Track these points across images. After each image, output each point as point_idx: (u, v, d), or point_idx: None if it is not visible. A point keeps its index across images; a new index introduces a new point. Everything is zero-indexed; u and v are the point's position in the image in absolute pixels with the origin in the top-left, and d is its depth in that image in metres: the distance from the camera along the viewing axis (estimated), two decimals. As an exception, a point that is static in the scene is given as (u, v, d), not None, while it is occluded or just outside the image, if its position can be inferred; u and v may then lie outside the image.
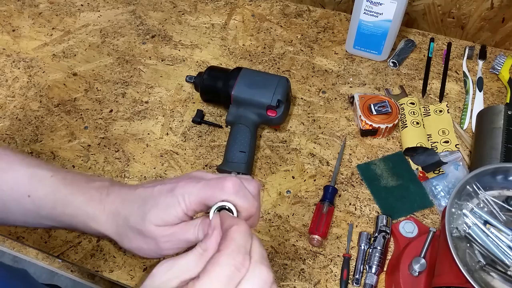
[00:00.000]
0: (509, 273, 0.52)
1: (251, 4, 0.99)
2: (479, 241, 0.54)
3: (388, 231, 0.66)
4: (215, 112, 0.82)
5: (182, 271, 0.35)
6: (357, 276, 0.64)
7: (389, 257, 0.66)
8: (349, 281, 0.64)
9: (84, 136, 0.80)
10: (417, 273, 0.59)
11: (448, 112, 0.81)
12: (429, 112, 0.81)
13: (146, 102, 0.84)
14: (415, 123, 0.76)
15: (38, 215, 0.50)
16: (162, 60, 0.90)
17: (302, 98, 0.84)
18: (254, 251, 0.36)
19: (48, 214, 0.50)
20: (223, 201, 0.42)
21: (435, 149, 0.76)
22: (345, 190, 0.73)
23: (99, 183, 0.49)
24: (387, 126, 0.75)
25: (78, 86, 0.86)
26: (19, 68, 0.89)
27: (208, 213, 0.42)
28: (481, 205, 0.58)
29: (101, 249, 0.67)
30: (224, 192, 0.42)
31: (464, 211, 0.57)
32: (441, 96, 0.83)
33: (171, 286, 0.35)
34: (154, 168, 0.76)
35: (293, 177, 0.74)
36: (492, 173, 0.59)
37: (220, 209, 0.42)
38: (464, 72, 0.86)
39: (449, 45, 0.91)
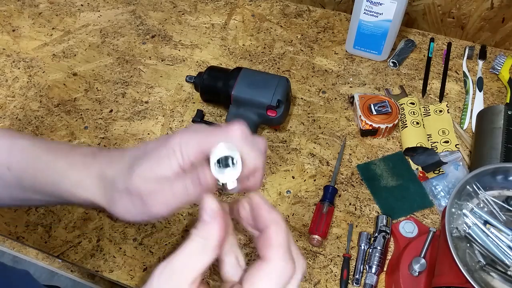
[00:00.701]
0: (509, 273, 0.52)
1: (251, 4, 0.99)
2: (479, 241, 0.54)
3: (388, 231, 0.66)
4: (215, 112, 0.82)
5: (186, 271, 0.31)
6: (357, 276, 0.64)
7: (389, 257, 0.66)
8: (349, 281, 0.64)
9: (84, 136, 0.80)
10: (417, 273, 0.59)
11: (448, 112, 0.81)
12: (429, 112, 0.81)
13: (146, 102, 0.84)
14: (415, 123, 0.76)
15: (21, 188, 0.46)
16: (162, 60, 0.90)
17: (302, 98, 0.84)
18: (292, 246, 0.34)
19: (31, 185, 0.45)
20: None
21: (435, 149, 0.76)
22: (345, 190, 0.73)
23: (85, 149, 0.45)
24: (387, 126, 0.75)
25: (78, 86, 0.86)
26: (19, 68, 0.89)
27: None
28: (481, 205, 0.58)
29: (101, 249, 0.67)
30: (230, 137, 0.36)
31: (464, 211, 0.57)
32: (441, 96, 0.83)
33: None
34: (154, 168, 0.75)
35: (293, 177, 0.74)
36: (492, 173, 0.59)
37: (221, 161, 0.35)
38: (464, 72, 0.86)
39: (449, 45, 0.91)
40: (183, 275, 0.31)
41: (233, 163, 0.35)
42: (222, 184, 0.36)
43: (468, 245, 0.55)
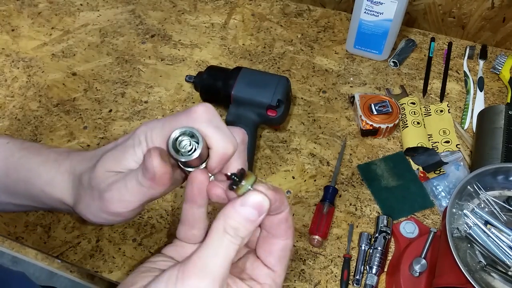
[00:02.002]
0: (510, 273, 0.52)
1: (251, 4, 0.99)
2: (480, 241, 0.54)
3: (389, 232, 0.66)
4: (215, 112, 0.82)
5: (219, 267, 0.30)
6: (357, 277, 0.64)
7: (389, 257, 0.66)
8: (350, 281, 0.64)
9: (83, 136, 0.79)
10: (417, 273, 0.59)
11: (449, 112, 0.80)
12: (430, 112, 0.80)
13: (146, 102, 0.84)
14: (415, 123, 0.76)
15: None
16: (161, 60, 0.90)
17: (302, 98, 0.83)
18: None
19: (3, 185, 0.44)
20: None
21: (436, 149, 0.76)
22: (346, 190, 0.72)
23: (61, 149, 0.44)
24: (387, 126, 0.75)
25: (77, 86, 0.86)
26: (18, 68, 0.89)
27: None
28: (482, 206, 0.58)
29: (100, 250, 0.67)
30: (192, 119, 0.33)
31: (465, 211, 0.57)
32: (442, 96, 0.83)
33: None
34: (154, 168, 0.75)
35: (293, 177, 0.74)
36: (493, 173, 0.59)
37: (180, 144, 0.33)
38: (464, 72, 0.86)
39: (450, 44, 0.90)
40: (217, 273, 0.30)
41: (195, 148, 0.33)
42: (185, 167, 0.34)
43: (469, 245, 0.55)
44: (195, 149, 0.33)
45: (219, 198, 0.34)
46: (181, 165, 0.35)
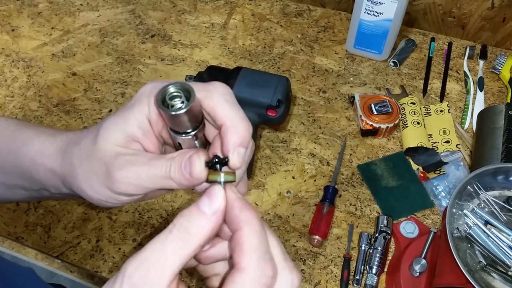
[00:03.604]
0: (509, 273, 0.52)
1: (251, 4, 0.99)
2: (479, 241, 0.54)
3: (389, 232, 0.66)
4: (215, 112, 0.82)
5: (165, 269, 0.27)
6: (357, 277, 0.64)
7: (389, 257, 0.66)
8: (350, 281, 0.64)
9: (83, 136, 0.79)
10: (417, 273, 0.59)
11: (449, 112, 0.80)
12: (430, 112, 0.80)
13: (146, 102, 0.83)
14: (415, 123, 0.76)
15: None
16: (161, 60, 0.90)
17: (302, 98, 0.83)
18: (274, 252, 0.29)
19: None
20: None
21: (436, 149, 0.76)
22: (346, 190, 0.72)
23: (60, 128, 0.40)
24: (387, 126, 0.75)
25: (77, 86, 0.86)
26: (18, 68, 0.89)
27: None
28: (482, 206, 0.58)
29: (100, 250, 0.67)
30: (207, 89, 0.31)
31: (465, 211, 0.57)
32: (442, 96, 0.83)
33: None
34: (154, 168, 0.75)
35: (293, 177, 0.74)
36: (493, 173, 0.59)
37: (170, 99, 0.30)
38: (465, 72, 0.86)
39: (450, 44, 0.90)
40: (161, 275, 0.26)
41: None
42: (174, 133, 0.32)
43: (469, 245, 0.55)
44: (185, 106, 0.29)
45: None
46: (170, 131, 0.32)
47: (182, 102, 0.30)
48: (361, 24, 0.83)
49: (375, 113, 0.75)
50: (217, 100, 0.31)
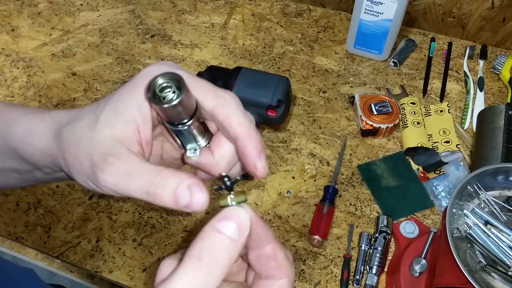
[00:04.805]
0: (510, 273, 0.51)
1: (251, 4, 0.99)
2: (480, 241, 0.54)
3: (389, 232, 0.66)
4: (215, 112, 0.82)
5: None
6: (357, 277, 0.64)
7: (389, 257, 0.66)
8: (350, 281, 0.64)
9: (83, 136, 0.79)
10: (417, 273, 0.59)
11: (449, 112, 0.80)
12: (430, 112, 0.80)
13: (146, 102, 0.83)
14: (415, 123, 0.76)
15: None
16: (161, 60, 0.89)
17: (302, 98, 0.83)
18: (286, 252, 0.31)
19: None
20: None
21: (436, 149, 0.76)
22: (346, 190, 0.72)
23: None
24: (387, 126, 0.75)
25: (77, 86, 0.86)
26: (18, 68, 0.89)
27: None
28: (482, 206, 0.58)
29: (100, 250, 0.67)
30: (218, 95, 0.31)
31: (465, 211, 0.57)
32: (442, 96, 0.83)
33: None
34: (154, 168, 0.75)
35: (293, 177, 0.74)
36: (493, 173, 0.59)
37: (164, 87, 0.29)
38: (465, 72, 0.86)
39: (450, 44, 0.90)
40: None
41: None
42: (168, 124, 0.31)
43: (469, 245, 0.55)
44: (177, 98, 0.28)
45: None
46: (166, 123, 0.31)
47: (174, 93, 0.29)
48: (361, 24, 0.83)
49: (375, 113, 0.75)
50: (232, 109, 0.32)
